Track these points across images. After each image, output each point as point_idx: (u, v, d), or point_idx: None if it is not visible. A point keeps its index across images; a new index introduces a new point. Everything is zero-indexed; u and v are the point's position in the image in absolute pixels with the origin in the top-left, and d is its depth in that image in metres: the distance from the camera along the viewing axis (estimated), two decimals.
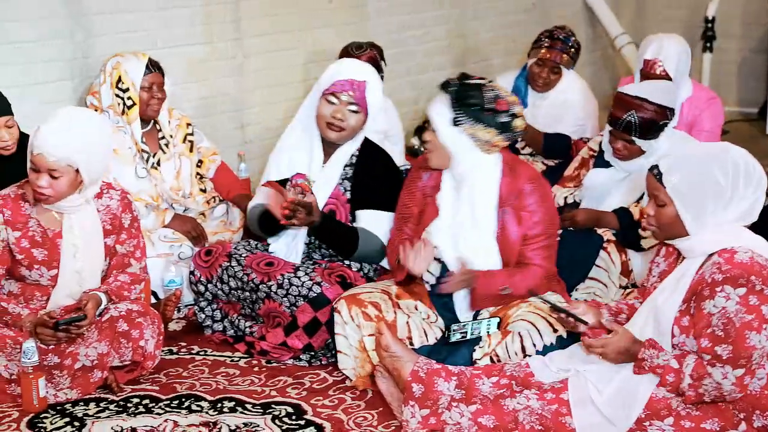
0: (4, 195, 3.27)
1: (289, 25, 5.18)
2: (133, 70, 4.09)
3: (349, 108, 3.55)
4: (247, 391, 3.28)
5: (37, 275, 3.27)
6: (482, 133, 3.19)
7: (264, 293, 3.52)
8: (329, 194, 3.61)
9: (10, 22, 4.11)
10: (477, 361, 3.12)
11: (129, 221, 3.39)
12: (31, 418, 3.09)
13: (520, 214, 3.24)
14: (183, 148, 4.29)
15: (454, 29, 6.12)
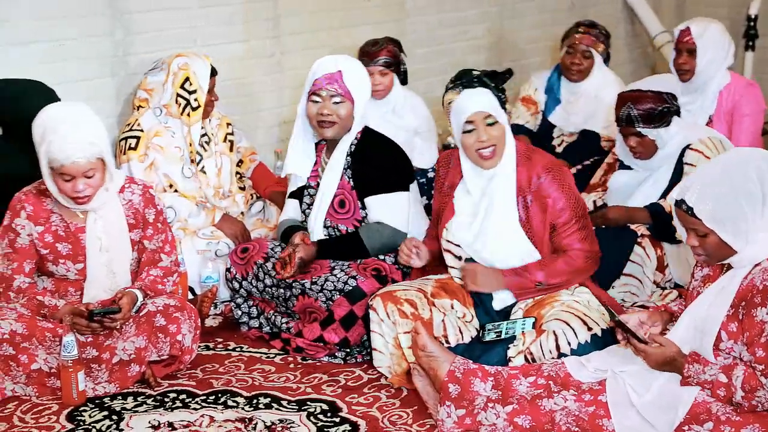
0: (26, 191, 3.31)
1: (327, 23, 5.19)
2: (201, 73, 4.11)
3: (333, 101, 3.58)
4: (283, 388, 3.29)
5: (64, 270, 3.31)
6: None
7: (299, 290, 3.53)
8: (336, 186, 3.63)
9: (51, 20, 4.16)
10: (511, 359, 3.11)
11: (154, 216, 3.41)
12: (70, 411, 3.12)
13: (545, 202, 3.22)
14: (224, 147, 4.33)
15: (491, 27, 6.09)
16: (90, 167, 3.16)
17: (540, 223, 3.23)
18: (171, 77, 4.11)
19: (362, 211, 3.63)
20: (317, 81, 3.59)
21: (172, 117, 4.12)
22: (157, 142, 4.08)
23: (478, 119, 3.19)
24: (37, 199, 3.29)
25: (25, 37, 4.09)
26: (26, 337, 3.16)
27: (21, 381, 3.19)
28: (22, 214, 3.26)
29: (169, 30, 4.55)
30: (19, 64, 4.06)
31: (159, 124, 4.12)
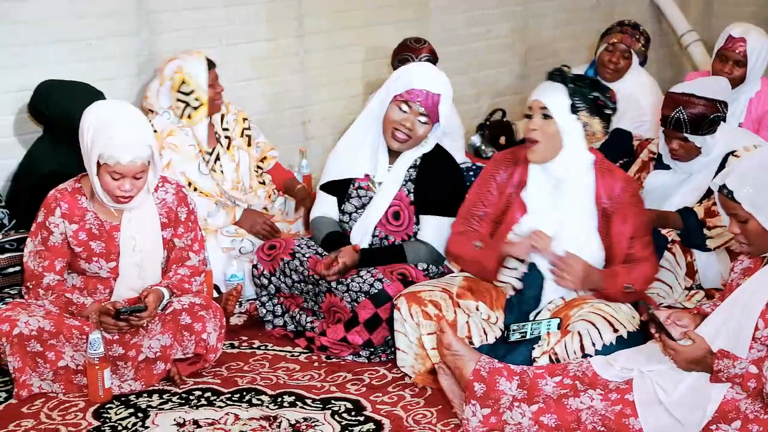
0: (62, 189, 3.32)
1: (351, 22, 5.19)
2: (197, 72, 4.08)
3: (419, 119, 3.53)
4: (307, 386, 3.30)
5: (96, 268, 3.33)
6: (594, 122, 3.19)
7: (325, 287, 3.54)
8: (393, 196, 3.61)
9: (78, 19, 4.19)
10: (536, 359, 3.09)
11: (185, 214, 3.42)
12: (96, 407, 3.14)
13: (626, 213, 3.22)
14: (241, 141, 4.32)
15: (516, 26, 6.07)
16: (142, 169, 3.17)
17: (619, 234, 3.22)
18: (167, 82, 4.11)
19: (416, 226, 3.61)
20: (415, 92, 3.51)
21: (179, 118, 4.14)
22: (171, 141, 4.10)
23: (536, 107, 3.20)
24: (72, 197, 3.30)
25: (53, 36, 4.13)
26: (54, 334, 3.19)
27: (48, 378, 3.22)
28: (56, 212, 3.28)
29: (194, 29, 4.57)
30: (48, 62, 4.10)
31: (172, 124, 4.13)
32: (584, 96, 3.18)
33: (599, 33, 5.07)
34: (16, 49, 4.03)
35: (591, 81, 3.24)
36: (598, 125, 3.21)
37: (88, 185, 3.29)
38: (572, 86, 3.18)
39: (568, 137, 3.19)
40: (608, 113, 3.22)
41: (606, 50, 4.87)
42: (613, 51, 4.85)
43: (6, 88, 4.02)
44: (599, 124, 3.21)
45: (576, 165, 3.21)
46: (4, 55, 4.00)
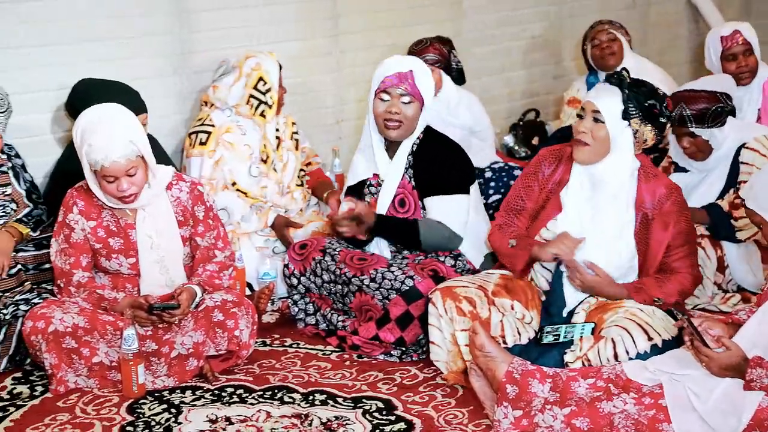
0: (77, 187, 3.36)
1: (386, 22, 5.20)
2: (272, 71, 4.19)
3: (402, 100, 3.56)
4: (339, 385, 3.31)
5: (117, 264, 3.35)
6: (646, 129, 3.16)
7: (356, 286, 3.55)
8: (397, 185, 3.63)
9: (115, 18, 4.23)
10: (568, 364, 3.07)
11: (203, 212, 3.44)
12: (130, 403, 3.17)
13: (668, 220, 3.18)
14: (290, 144, 4.39)
15: (550, 26, 6.05)
16: (131, 165, 3.18)
17: (657, 241, 3.19)
18: (243, 78, 4.16)
19: (423, 211, 3.62)
20: (387, 79, 3.57)
21: (243, 117, 4.17)
22: (227, 138, 4.14)
23: (588, 109, 3.18)
24: (87, 194, 3.34)
25: (92, 35, 4.17)
26: (88, 330, 3.22)
27: (83, 373, 3.25)
28: (74, 209, 3.32)
29: (230, 28, 4.60)
30: (85, 61, 4.14)
31: (230, 122, 4.17)
32: (639, 103, 3.14)
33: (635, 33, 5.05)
34: (53, 48, 4.08)
35: (649, 88, 3.19)
36: (650, 133, 3.18)
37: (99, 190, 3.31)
38: (628, 92, 3.15)
39: (617, 143, 3.16)
40: (662, 122, 3.19)
41: (593, 47, 5.02)
42: (599, 44, 4.99)
43: (44, 86, 4.07)
44: (651, 132, 3.18)
45: (620, 170, 3.19)
46: (42, 54, 4.05)
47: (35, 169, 3.96)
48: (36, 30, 4.02)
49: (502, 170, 4.87)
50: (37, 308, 3.25)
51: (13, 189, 3.65)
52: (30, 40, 4.00)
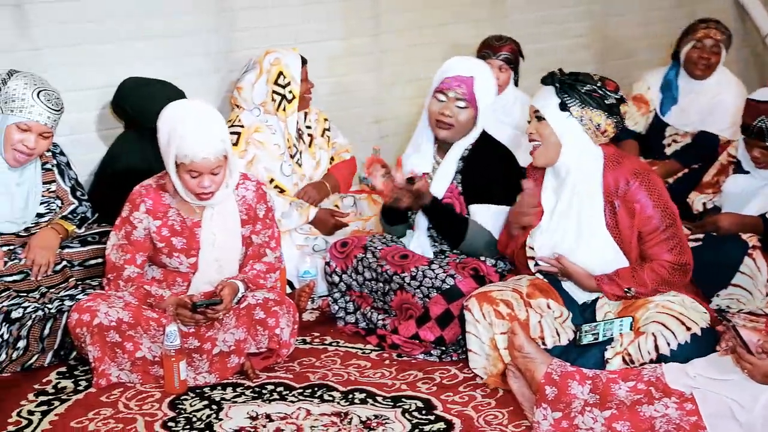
0: (146, 185, 3.39)
1: (427, 21, 5.19)
2: (293, 65, 4.20)
3: (456, 104, 3.54)
4: (378, 384, 3.31)
5: (177, 263, 3.39)
6: (592, 115, 3.13)
7: (397, 284, 3.55)
8: (445, 189, 3.62)
9: (159, 17, 4.28)
10: (609, 361, 3.06)
11: (264, 212, 3.46)
12: (172, 398, 3.20)
13: (632, 207, 3.14)
14: (322, 141, 4.39)
15: (595, 25, 5.99)
16: (218, 164, 3.22)
17: (628, 228, 3.16)
18: (264, 74, 4.18)
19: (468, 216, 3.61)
20: (447, 80, 3.56)
21: (270, 114, 4.19)
22: (257, 137, 4.16)
23: (530, 112, 3.22)
24: (156, 193, 3.37)
25: (134, 34, 4.21)
26: (132, 325, 3.26)
27: (126, 368, 3.29)
28: (141, 207, 3.35)
29: (271, 27, 4.62)
30: (129, 59, 4.19)
31: (259, 122, 4.19)
32: (575, 91, 3.13)
33: (680, 32, 4.97)
34: (98, 47, 4.13)
35: (584, 75, 3.17)
36: (600, 117, 3.13)
37: (171, 181, 3.35)
38: (559, 85, 3.15)
39: (565, 136, 3.15)
40: (610, 103, 3.14)
41: (694, 47, 4.72)
42: (701, 47, 4.71)
43: (89, 84, 4.12)
44: (601, 117, 3.13)
45: (580, 162, 3.17)
46: (86, 53, 4.10)
47: (80, 167, 4.01)
48: (80, 29, 4.07)
49: None
50: (83, 301, 3.30)
51: (58, 186, 3.70)
52: (74, 39, 4.06)
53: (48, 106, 3.44)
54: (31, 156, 3.50)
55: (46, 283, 3.51)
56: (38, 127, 3.45)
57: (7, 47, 3.89)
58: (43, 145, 3.50)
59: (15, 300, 3.38)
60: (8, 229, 3.54)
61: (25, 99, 3.42)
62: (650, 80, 4.93)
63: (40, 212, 3.61)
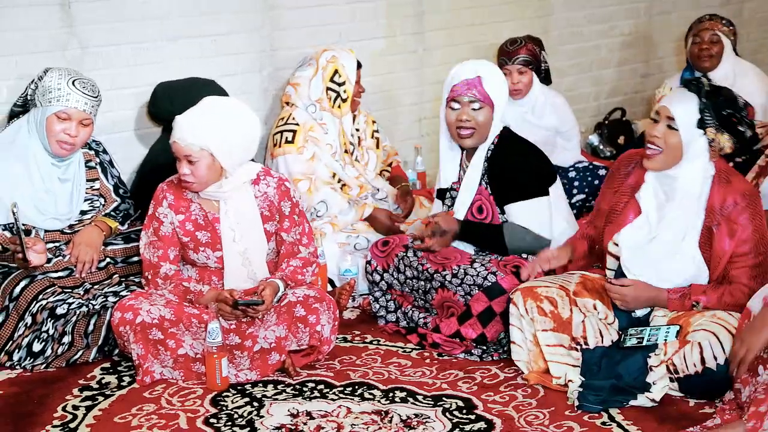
0: (168, 182, 3.43)
1: (471, 20, 5.17)
2: (349, 65, 4.23)
3: (472, 107, 3.52)
4: (419, 383, 3.30)
5: (204, 257, 3.41)
6: (723, 139, 3.09)
7: (438, 282, 3.54)
8: (474, 192, 3.60)
9: (202, 16, 4.30)
10: (653, 368, 3.02)
11: (289, 208, 3.46)
12: (214, 395, 3.22)
13: (734, 227, 3.09)
14: (371, 143, 4.42)
15: (640, 23, 5.93)
16: (189, 152, 3.24)
17: (721, 249, 3.11)
18: (320, 71, 4.21)
19: (501, 216, 3.59)
20: (456, 87, 3.55)
21: (326, 112, 4.21)
22: (312, 135, 4.19)
23: (663, 114, 3.13)
24: (177, 188, 3.40)
25: (179, 33, 4.24)
26: (174, 322, 3.28)
27: (168, 365, 3.31)
28: (164, 203, 3.39)
29: (315, 26, 4.63)
30: (173, 58, 4.22)
31: (312, 120, 4.21)
32: (716, 111, 3.07)
33: None
34: (141, 46, 4.16)
35: (727, 96, 3.10)
36: (727, 141, 3.10)
37: None
38: (705, 100, 3.07)
39: (690, 151, 3.10)
40: (741, 130, 3.09)
41: (694, 43, 4.85)
42: (700, 41, 4.82)
43: (132, 83, 4.16)
44: (728, 141, 3.10)
45: (693, 178, 3.12)
46: (130, 52, 4.13)
47: (123, 164, 4.05)
48: (124, 28, 4.10)
49: (587, 170, 4.81)
50: (126, 300, 3.33)
51: (101, 184, 3.74)
52: (119, 38, 4.09)
53: (84, 93, 3.49)
54: (74, 145, 3.54)
55: (90, 279, 3.56)
56: (77, 113, 3.49)
57: (55, 46, 3.94)
58: (84, 133, 3.54)
59: (60, 296, 3.42)
60: (53, 226, 3.58)
61: (60, 88, 3.46)
62: (670, 83, 5.00)
63: (83, 209, 3.66)
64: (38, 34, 3.89)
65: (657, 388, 3.04)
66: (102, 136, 3.89)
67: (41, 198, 3.54)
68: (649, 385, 3.05)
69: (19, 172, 3.51)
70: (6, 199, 3.39)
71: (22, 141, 3.54)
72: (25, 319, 3.38)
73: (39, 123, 3.50)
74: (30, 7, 3.86)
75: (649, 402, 3.05)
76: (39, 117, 3.50)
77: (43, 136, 3.51)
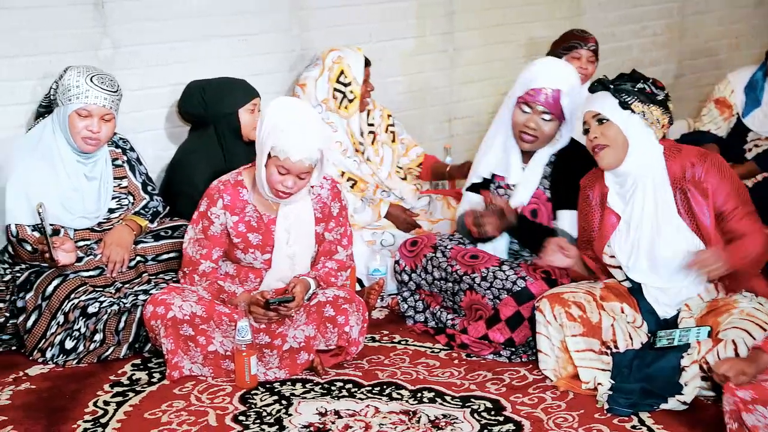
0: (225, 181, 3.42)
1: (503, 19, 5.15)
2: (355, 65, 4.21)
3: (542, 117, 3.51)
4: (447, 383, 3.29)
5: (251, 258, 3.42)
6: (652, 110, 3.13)
7: (467, 285, 3.53)
8: (531, 194, 3.58)
9: (233, 16, 4.32)
10: (685, 368, 3.00)
11: (338, 210, 3.47)
12: (243, 393, 3.23)
13: (704, 188, 3.10)
14: (386, 137, 4.40)
15: (673, 23, 5.88)
16: (308, 170, 3.24)
17: (703, 211, 3.11)
18: (326, 72, 4.19)
19: (555, 222, 3.57)
20: (533, 91, 3.50)
21: (332, 112, 4.21)
22: None
23: (588, 118, 3.18)
24: (234, 189, 3.40)
25: (209, 32, 4.26)
26: (205, 319, 3.30)
27: (198, 361, 3.33)
28: (218, 203, 3.39)
29: (345, 26, 4.63)
30: (203, 58, 4.24)
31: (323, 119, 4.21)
32: (628, 90, 3.13)
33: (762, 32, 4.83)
34: (172, 45, 4.18)
35: (629, 76, 3.18)
36: (657, 111, 3.14)
37: (249, 178, 3.38)
38: (613, 86, 3.15)
39: (631, 133, 3.12)
40: (661, 98, 3.15)
41: None
42: None
43: (162, 82, 4.18)
44: (657, 111, 3.14)
45: (645, 162, 3.14)
46: (161, 51, 4.16)
47: (154, 162, 4.08)
48: (156, 28, 4.13)
49: None
50: (158, 294, 3.35)
51: (129, 182, 3.76)
52: (150, 37, 4.12)
53: (103, 88, 3.51)
54: (99, 140, 3.56)
55: (121, 278, 3.59)
56: (97, 109, 3.51)
57: (88, 45, 3.97)
58: (107, 128, 3.56)
59: (92, 295, 3.45)
60: (82, 224, 3.61)
61: (79, 86, 3.49)
62: (734, 82, 4.83)
63: (111, 207, 3.68)
64: (71, 33, 3.93)
65: (688, 390, 3.02)
66: (131, 135, 3.92)
67: (69, 197, 3.57)
68: (681, 386, 3.03)
69: (47, 172, 3.55)
70: (34, 200, 3.42)
71: (47, 141, 3.58)
72: (57, 318, 3.42)
73: (62, 122, 3.54)
74: (64, 6, 3.89)
75: (680, 405, 3.03)
76: (61, 116, 3.54)
77: (68, 134, 3.54)
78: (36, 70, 3.84)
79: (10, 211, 3.49)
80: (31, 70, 3.84)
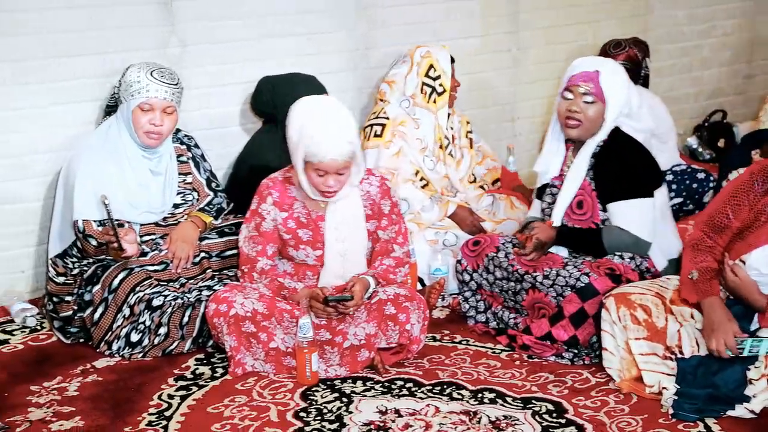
0: (273, 178, 3.45)
1: (567, 19, 5.11)
2: (443, 59, 4.27)
3: (584, 99, 3.49)
4: (508, 384, 3.27)
5: (303, 255, 3.44)
6: None
7: (529, 283, 3.50)
8: (578, 187, 3.55)
9: (299, 15, 4.36)
10: (752, 381, 2.93)
11: (389, 207, 3.47)
12: (304, 389, 3.25)
13: None
14: (465, 142, 4.42)
15: (742, 23, 5.77)
16: (345, 165, 3.26)
17: None
18: (415, 67, 4.23)
19: (601, 213, 3.53)
20: (573, 77, 3.54)
21: (419, 107, 4.22)
22: (402, 130, 4.20)
23: None
24: (282, 186, 3.43)
25: (276, 31, 4.31)
26: (266, 316, 3.33)
27: (260, 358, 3.36)
28: (268, 199, 3.42)
29: (409, 24, 4.64)
30: (270, 56, 4.28)
31: (405, 114, 4.23)
32: None
33: None
34: (240, 43, 4.24)
35: None
36: None
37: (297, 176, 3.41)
38: None
39: None
40: None
41: None
42: None
43: (232, 80, 4.24)
44: None
45: None
46: (230, 49, 4.21)
47: (222, 159, 4.13)
48: (224, 26, 4.19)
49: (684, 173, 4.70)
50: (221, 292, 3.39)
51: (193, 178, 3.81)
52: (218, 35, 4.18)
53: (163, 82, 3.57)
54: (161, 134, 3.61)
55: (186, 274, 3.63)
56: (159, 103, 3.57)
57: (157, 44, 4.04)
58: (169, 121, 3.61)
59: (157, 289, 3.50)
60: (148, 219, 3.67)
61: (140, 81, 3.55)
62: None
63: (176, 203, 3.73)
64: (140, 32, 4.00)
65: (757, 401, 2.95)
66: (197, 132, 3.97)
67: (134, 192, 3.63)
68: (748, 397, 2.96)
69: (113, 169, 3.61)
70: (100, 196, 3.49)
71: (112, 138, 3.64)
72: (123, 311, 3.48)
73: (126, 118, 3.60)
74: (133, 5, 3.96)
75: (747, 413, 2.96)
76: (125, 112, 3.60)
77: (131, 130, 3.60)
78: (104, 68, 3.92)
79: (78, 208, 3.56)
80: (100, 68, 3.92)
